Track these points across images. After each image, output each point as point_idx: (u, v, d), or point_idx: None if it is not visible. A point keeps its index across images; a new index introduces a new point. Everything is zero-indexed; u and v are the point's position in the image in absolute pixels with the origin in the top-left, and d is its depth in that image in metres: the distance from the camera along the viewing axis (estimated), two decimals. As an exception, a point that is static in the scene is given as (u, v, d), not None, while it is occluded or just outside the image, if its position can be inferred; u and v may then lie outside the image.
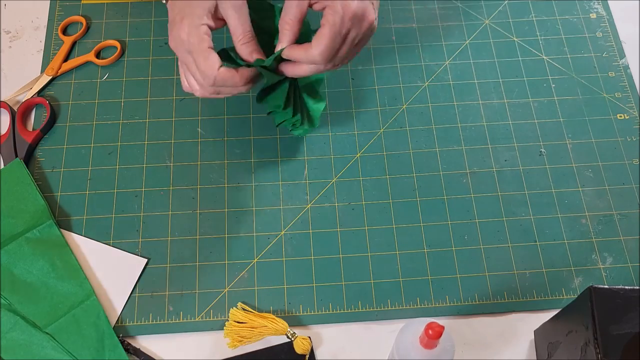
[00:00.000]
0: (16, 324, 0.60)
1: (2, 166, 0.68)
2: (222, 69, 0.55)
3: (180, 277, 0.64)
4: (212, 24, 0.57)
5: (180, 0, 0.57)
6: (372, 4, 0.56)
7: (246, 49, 0.57)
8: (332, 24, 0.53)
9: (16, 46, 0.76)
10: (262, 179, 0.68)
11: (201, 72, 0.56)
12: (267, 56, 0.57)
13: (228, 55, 0.59)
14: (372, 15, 0.56)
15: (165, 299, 0.63)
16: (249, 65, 0.57)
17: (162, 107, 0.72)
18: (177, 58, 0.75)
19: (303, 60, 0.55)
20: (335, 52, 0.55)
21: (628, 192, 0.68)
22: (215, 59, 0.55)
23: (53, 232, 0.64)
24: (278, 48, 0.56)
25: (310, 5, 0.56)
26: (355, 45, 0.57)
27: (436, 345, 0.48)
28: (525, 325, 0.62)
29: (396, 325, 0.57)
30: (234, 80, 0.56)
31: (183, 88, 0.60)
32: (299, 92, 0.64)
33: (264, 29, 0.60)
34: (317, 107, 0.65)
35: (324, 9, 0.55)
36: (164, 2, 0.63)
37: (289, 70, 0.58)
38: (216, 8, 0.56)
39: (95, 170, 0.69)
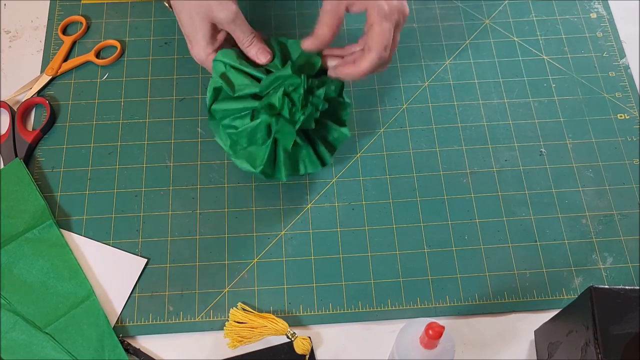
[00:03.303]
0: (16, 324, 0.60)
1: (2, 166, 0.68)
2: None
3: (180, 277, 0.64)
4: (217, 46, 0.62)
5: (181, 20, 0.61)
6: None
7: (251, 50, 0.60)
8: (380, 20, 0.56)
9: (16, 46, 0.76)
10: (262, 179, 0.68)
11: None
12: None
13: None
14: (407, 7, 0.59)
15: (165, 299, 0.63)
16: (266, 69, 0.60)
17: (162, 107, 0.72)
18: (177, 58, 0.75)
19: (368, 70, 0.58)
20: (387, 47, 0.57)
21: (628, 192, 0.68)
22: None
23: (53, 232, 0.64)
24: (306, 47, 0.59)
25: (347, 9, 0.58)
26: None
27: (436, 345, 0.47)
28: (526, 325, 0.62)
29: (396, 325, 0.57)
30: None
31: None
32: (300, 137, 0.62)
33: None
34: (340, 135, 0.65)
35: (364, 9, 0.57)
36: (167, 5, 0.64)
37: (344, 72, 0.59)
38: (214, 27, 0.60)
39: (95, 170, 0.69)
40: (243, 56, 0.62)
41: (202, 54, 0.61)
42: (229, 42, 0.63)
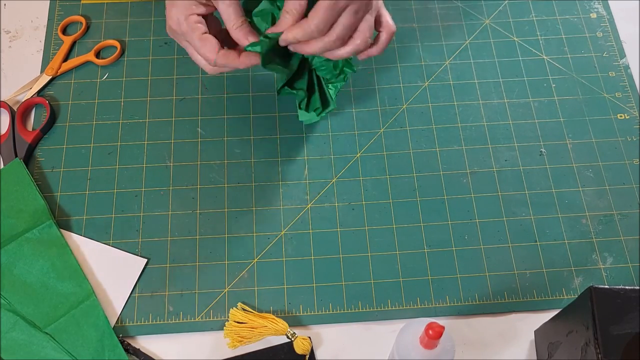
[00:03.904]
0: (16, 324, 0.60)
1: (2, 166, 0.68)
2: (221, 52, 0.57)
3: (180, 277, 0.64)
4: (202, 11, 0.57)
5: None
6: None
7: (239, 32, 0.57)
8: None
9: (16, 46, 0.76)
10: (262, 179, 0.68)
11: (200, 56, 0.58)
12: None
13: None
14: None
15: (165, 299, 0.63)
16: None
17: (162, 107, 0.72)
18: (177, 58, 0.75)
19: (303, 37, 0.55)
20: (332, 22, 0.55)
21: (628, 192, 0.68)
22: (212, 43, 0.57)
23: (53, 232, 0.64)
24: (273, 31, 0.56)
25: None
26: (359, 19, 0.56)
27: (436, 346, 0.47)
28: (526, 326, 0.62)
29: (396, 325, 0.57)
30: (234, 63, 0.58)
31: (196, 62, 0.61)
32: (314, 74, 0.65)
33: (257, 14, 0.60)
34: (335, 86, 0.67)
35: None
36: None
37: (299, 49, 0.57)
38: None
39: (95, 170, 0.69)
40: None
41: (181, 14, 0.57)
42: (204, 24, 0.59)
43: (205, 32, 0.57)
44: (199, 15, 0.57)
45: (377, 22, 0.60)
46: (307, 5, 0.56)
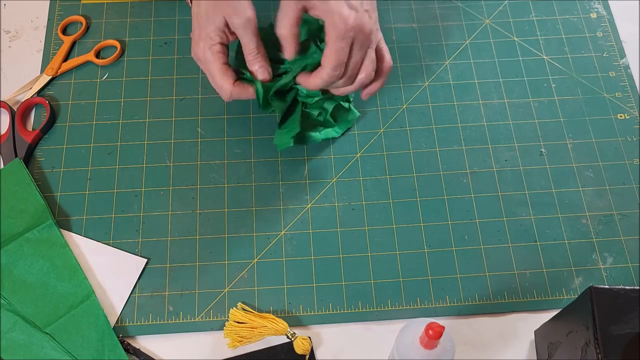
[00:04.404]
0: (16, 324, 0.60)
1: (2, 166, 0.68)
2: (236, 84, 0.60)
3: (180, 277, 0.64)
4: (225, 40, 0.60)
5: (198, 14, 0.61)
6: (368, 13, 0.58)
7: (253, 64, 0.60)
8: (335, 39, 0.56)
9: (16, 46, 0.76)
10: (262, 179, 0.68)
11: (218, 87, 0.61)
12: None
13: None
14: (369, 26, 0.58)
15: (165, 299, 0.63)
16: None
17: (162, 107, 0.72)
18: (177, 58, 0.75)
19: (322, 85, 0.59)
20: (345, 65, 0.58)
21: (628, 192, 0.68)
22: (229, 75, 0.60)
23: (53, 232, 0.64)
24: (286, 56, 0.60)
25: (305, 10, 0.58)
26: (364, 54, 0.59)
27: (436, 346, 0.47)
28: (526, 326, 0.62)
29: (396, 325, 0.57)
30: (247, 94, 0.61)
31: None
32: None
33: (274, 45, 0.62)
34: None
35: (322, 20, 0.57)
36: (189, 3, 0.64)
37: (300, 80, 0.61)
38: (226, 26, 0.59)
39: (95, 170, 0.69)
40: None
41: (206, 44, 0.60)
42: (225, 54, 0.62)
43: (225, 63, 0.60)
44: (222, 44, 0.60)
45: (378, 56, 0.62)
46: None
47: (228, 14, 0.58)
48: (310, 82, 0.59)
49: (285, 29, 0.58)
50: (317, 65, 0.59)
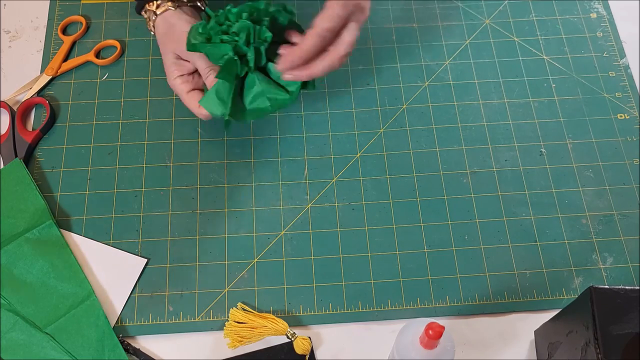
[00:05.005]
0: (16, 324, 0.60)
1: (2, 166, 0.68)
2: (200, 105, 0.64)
3: (180, 277, 0.64)
4: (183, 70, 0.65)
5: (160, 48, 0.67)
6: None
7: (209, 82, 0.63)
8: (336, 5, 0.57)
9: (16, 46, 0.76)
10: (262, 179, 0.68)
11: (191, 110, 0.65)
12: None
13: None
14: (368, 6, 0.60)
15: (165, 299, 0.63)
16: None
17: (161, 107, 0.72)
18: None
19: (304, 49, 0.58)
20: (337, 29, 0.59)
21: (628, 192, 0.68)
22: (196, 98, 0.64)
23: (53, 232, 0.64)
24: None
25: None
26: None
27: (436, 346, 0.47)
28: (526, 326, 0.62)
29: (396, 325, 0.57)
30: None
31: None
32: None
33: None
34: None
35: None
36: (153, 34, 0.69)
37: (304, 74, 0.60)
38: (179, 57, 0.65)
39: (95, 170, 0.69)
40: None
41: (170, 78, 0.65)
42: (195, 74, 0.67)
43: (190, 90, 0.65)
44: (181, 75, 0.65)
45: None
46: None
47: (174, 49, 0.65)
48: (297, 49, 0.58)
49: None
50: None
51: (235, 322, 0.61)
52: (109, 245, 0.65)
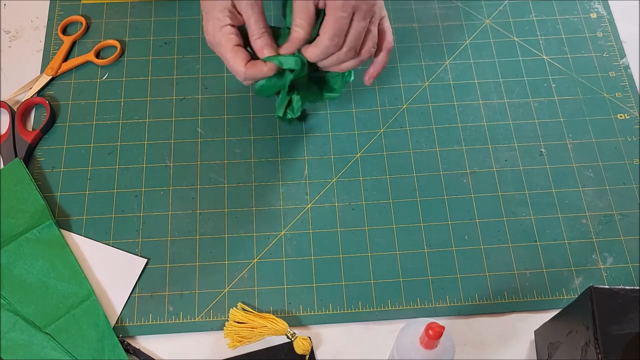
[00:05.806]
0: (16, 324, 0.60)
1: (2, 166, 0.68)
2: (250, 64, 0.58)
3: (180, 277, 0.64)
4: (234, 21, 0.59)
5: (204, 0, 0.60)
6: None
7: (259, 43, 0.58)
8: (335, 8, 0.56)
9: (16, 46, 0.76)
10: (262, 179, 0.68)
11: (231, 69, 0.59)
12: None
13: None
14: None
15: (165, 299, 0.63)
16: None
17: (162, 107, 0.72)
18: (177, 58, 0.75)
19: (321, 56, 0.58)
20: (344, 33, 0.57)
21: (628, 192, 0.68)
22: (242, 56, 0.58)
23: (53, 232, 0.64)
24: (287, 47, 0.59)
25: (316, 6, 0.58)
26: (366, 27, 0.58)
27: (436, 346, 0.47)
28: (526, 326, 0.62)
29: (396, 325, 0.57)
30: (262, 72, 0.59)
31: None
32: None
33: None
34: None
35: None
36: None
37: (308, 53, 0.59)
38: (234, 6, 0.58)
39: (95, 170, 0.69)
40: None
41: (217, 26, 0.58)
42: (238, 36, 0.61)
43: (238, 44, 0.58)
44: (232, 26, 0.58)
45: (380, 34, 0.61)
46: (316, 19, 0.58)
47: None
48: (308, 52, 0.58)
49: (300, 28, 0.58)
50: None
51: (235, 322, 0.61)
52: (109, 245, 0.65)
